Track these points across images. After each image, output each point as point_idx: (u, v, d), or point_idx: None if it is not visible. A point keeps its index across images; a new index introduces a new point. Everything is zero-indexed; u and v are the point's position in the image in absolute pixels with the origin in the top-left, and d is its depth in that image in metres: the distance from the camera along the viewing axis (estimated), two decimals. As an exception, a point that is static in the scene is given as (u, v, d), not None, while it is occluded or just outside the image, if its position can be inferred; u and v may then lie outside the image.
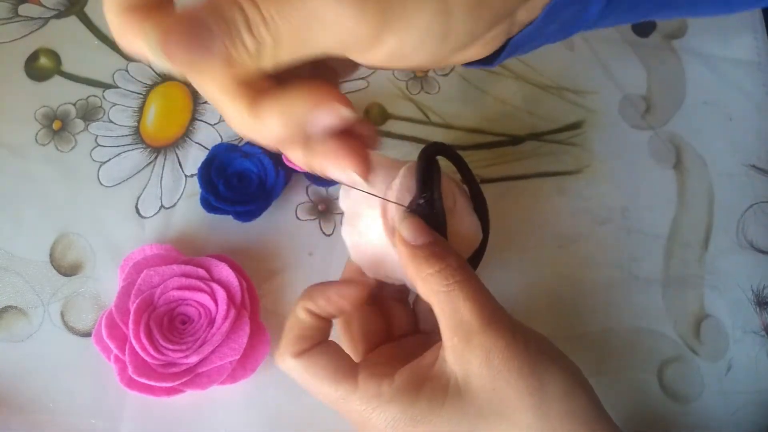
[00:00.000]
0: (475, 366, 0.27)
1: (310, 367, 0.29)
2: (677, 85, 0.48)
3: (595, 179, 0.44)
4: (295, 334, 0.30)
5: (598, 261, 0.42)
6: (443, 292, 0.28)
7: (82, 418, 0.37)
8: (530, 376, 0.27)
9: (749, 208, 0.43)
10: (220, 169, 0.42)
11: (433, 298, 0.29)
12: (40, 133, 0.44)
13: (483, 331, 0.27)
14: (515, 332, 0.28)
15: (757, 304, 0.40)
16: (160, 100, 0.45)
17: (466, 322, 0.28)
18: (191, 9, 0.21)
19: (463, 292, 0.28)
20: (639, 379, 0.40)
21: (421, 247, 0.29)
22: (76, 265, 0.41)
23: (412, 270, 0.29)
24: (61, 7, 0.48)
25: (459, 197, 0.33)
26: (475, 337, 0.27)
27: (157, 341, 0.36)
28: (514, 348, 0.27)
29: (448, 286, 0.28)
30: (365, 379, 0.29)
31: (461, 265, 0.29)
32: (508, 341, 0.27)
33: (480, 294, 0.28)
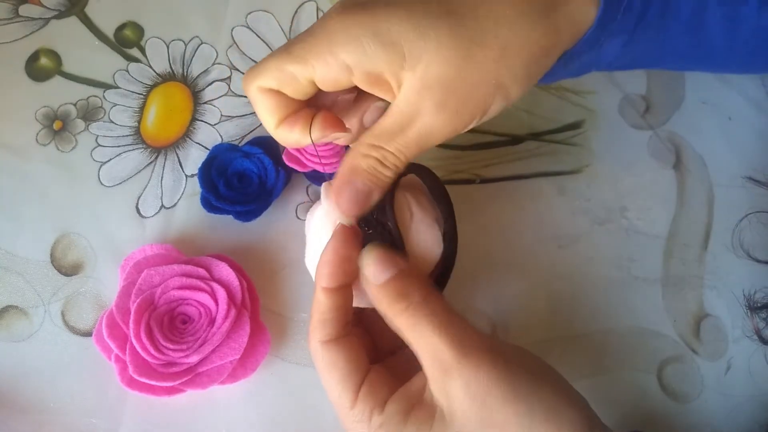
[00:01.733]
0: (458, 398, 0.27)
1: (329, 360, 0.30)
2: (677, 84, 0.48)
3: (594, 179, 0.44)
4: (317, 319, 0.30)
5: (597, 261, 0.42)
6: (412, 328, 0.28)
7: (83, 417, 0.37)
8: (515, 401, 0.27)
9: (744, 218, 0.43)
10: (221, 169, 0.42)
11: (406, 335, 0.29)
12: (40, 134, 0.44)
13: (459, 364, 0.27)
14: (494, 357, 0.28)
15: (748, 308, 0.40)
16: (160, 101, 0.46)
17: (439, 358, 0.27)
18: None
19: (430, 326, 0.28)
20: (639, 379, 0.40)
21: (383, 285, 0.29)
22: (76, 265, 0.41)
23: (380, 309, 0.29)
24: (61, 7, 0.48)
25: (416, 210, 0.32)
26: (453, 371, 0.27)
27: (157, 341, 0.36)
28: (495, 375, 0.27)
29: (415, 324, 0.28)
30: (364, 397, 0.29)
31: (425, 298, 0.29)
32: (487, 369, 0.27)
33: (449, 325, 0.28)
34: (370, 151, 0.29)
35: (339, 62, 0.27)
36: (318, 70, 0.28)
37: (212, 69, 0.46)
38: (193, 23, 0.48)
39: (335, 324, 0.30)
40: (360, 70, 0.27)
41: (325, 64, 0.27)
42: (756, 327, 0.40)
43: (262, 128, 0.45)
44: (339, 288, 0.30)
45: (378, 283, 0.29)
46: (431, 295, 0.29)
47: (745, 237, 0.43)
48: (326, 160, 0.40)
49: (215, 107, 0.45)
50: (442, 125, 0.28)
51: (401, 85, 0.28)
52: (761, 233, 0.43)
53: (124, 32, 0.47)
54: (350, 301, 0.31)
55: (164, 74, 0.46)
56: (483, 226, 0.42)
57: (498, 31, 0.27)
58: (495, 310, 0.41)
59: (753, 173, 0.44)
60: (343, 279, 0.30)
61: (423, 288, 0.29)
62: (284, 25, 0.48)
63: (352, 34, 0.27)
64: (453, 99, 0.27)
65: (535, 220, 0.43)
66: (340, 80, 0.28)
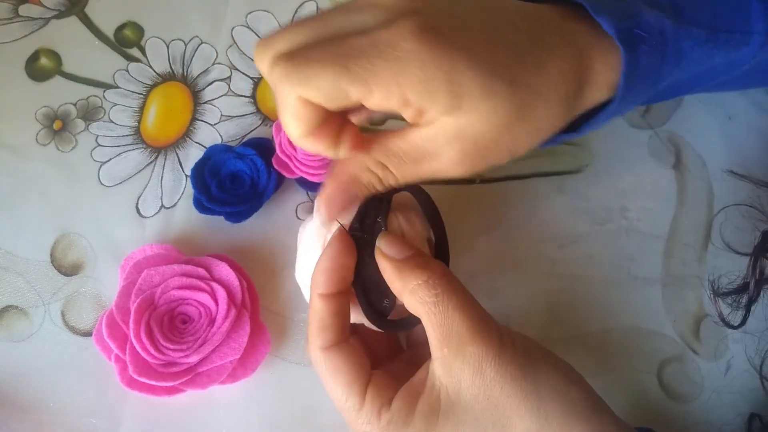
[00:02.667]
0: (467, 376, 0.27)
1: (331, 366, 0.30)
2: (677, 85, 0.48)
3: (594, 179, 0.44)
4: (315, 326, 0.30)
5: (597, 261, 0.42)
6: (431, 302, 0.28)
7: (83, 417, 0.37)
8: (524, 380, 0.27)
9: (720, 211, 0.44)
10: (214, 170, 0.42)
11: (422, 309, 0.28)
12: (40, 133, 0.44)
13: (473, 340, 0.27)
14: (503, 338, 0.28)
15: (712, 293, 0.40)
16: (160, 100, 0.46)
17: (455, 332, 0.27)
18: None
19: (452, 301, 0.28)
20: (639, 379, 0.40)
21: (405, 259, 0.29)
22: (76, 265, 0.41)
23: (399, 283, 0.29)
24: (61, 7, 0.48)
25: (407, 229, 0.31)
26: (467, 347, 0.27)
27: (157, 341, 0.36)
28: (505, 355, 0.27)
29: (436, 296, 0.28)
30: (371, 398, 0.29)
31: (446, 274, 0.29)
32: (498, 349, 0.27)
33: (468, 302, 0.28)
34: (376, 168, 0.29)
35: (401, 95, 0.26)
36: (376, 97, 0.26)
37: (212, 69, 0.46)
38: (193, 23, 0.48)
39: (334, 330, 0.30)
40: (415, 107, 0.26)
41: (387, 94, 0.25)
42: (720, 312, 0.40)
43: (261, 129, 0.45)
44: (336, 294, 0.30)
45: (401, 257, 0.29)
46: (451, 274, 0.29)
47: (725, 230, 0.43)
48: (315, 170, 0.40)
49: (215, 107, 0.45)
50: (453, 172, 0.28)
51: (433, 121, 0.27)
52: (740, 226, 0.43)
53: (124, 32, 0.47)
54: (347, 307, 0.31)
55: (164, 74, 0.46)
56: (483, 226, 0.42)
57: (539, 109, 0.28)
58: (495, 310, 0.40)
59: (734, 167, 0.44)
60: (340, 286, 0.30)
61: (443, 266, 0.29)
62: (284, 24, 0.48)
63: (425, 74, 0.25)
64: (478, 156, 0.28)
65: (534, 220, 0.43)
66: (392, 109, 0.27)
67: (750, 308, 0.37)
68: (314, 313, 0.30)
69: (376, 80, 0.25)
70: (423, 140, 0.28)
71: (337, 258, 0.30)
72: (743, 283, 0.38)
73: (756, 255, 0.37)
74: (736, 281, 0.39)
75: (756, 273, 0.37)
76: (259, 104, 0.46)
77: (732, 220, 0.43)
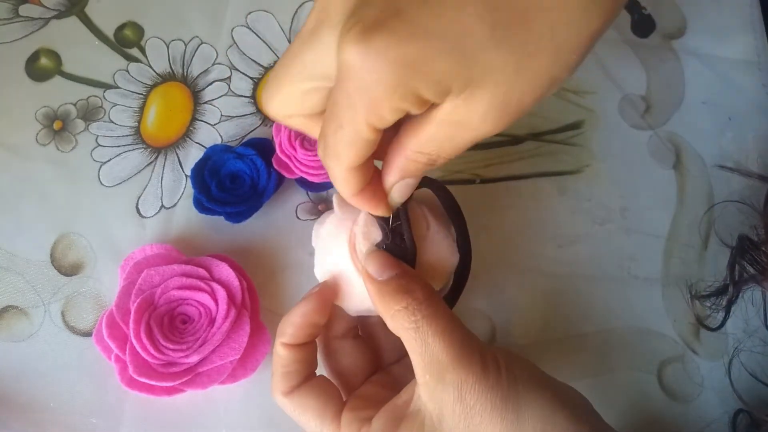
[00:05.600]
0: (448, 403, 0.27)
1: (297, 406, 0.31)
2: (677, 85, 0.48)
3: (594, 179, 0.45)
4: (279, 372, 0.31)
5: (597, 261, 0.42)
6: (411, 329, 0.28)
7: (83, 417, 0.37)
8: (504, 409, 0.27)
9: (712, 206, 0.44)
10: (214, 170, 0.42)
11: (403, 335, 0.28)
12: (40, 134, 0.44)
13: (453, 367, 0.27)
14: (487, 364, 0.28)
15: (690, 297, 0.41)
16: (160, 100, 0.46)
17: (436, 359, 0.27)
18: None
19: (431, 327, 0.28)
20: (639, 379, 0.40)
21: (386, 282, 0.29)
22: (76, 265, 0.41)
23: (380, 307, 0.29)
24: (61, 7, 0.48)
25: (432, 222, 0.32)
26: (446, 375, 0.27)
27: (157, 341, 0.36)
28: (486, 382, 0.27)
29: (415, 322, 0.28)
30: (347, 423, 0.30)
31: (428, 298, 0.28)
32: (480, 376, 0.27)
33: (449, 327, 0.28)
34: (419, 157, 0.28)
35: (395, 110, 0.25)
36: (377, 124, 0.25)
37: (212, 69, 0.46)
38: (193, 23, 0.48)
39: (297, 375, 0.31)
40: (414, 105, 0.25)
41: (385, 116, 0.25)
42: (697, 314, 0.40)
43: (261, 129, 0.45)
44: (301, 344, 0.31)
45: (381, 279, 0.29)
46: (433, 297, 0.29)
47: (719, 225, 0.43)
48: (315, 170, 0.40)
49: (215, 107, 0.45)
50: (490, 131, 0.26)
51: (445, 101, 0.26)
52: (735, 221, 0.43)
53: (124, 32, 0.47)
54: (313, 353, 0.32)
55: (164, 74, 0.46)
56: (483, 226, 0.42)
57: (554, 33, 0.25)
58: (495, 310, 0.41)
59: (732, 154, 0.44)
60: (306, 339, 0.31)
61: (425, 288, 0.29)
62: (284, 25, 0.48)
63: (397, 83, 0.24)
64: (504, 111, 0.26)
65: (535, 220, 0.43)
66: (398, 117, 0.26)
67: (730, 310, 0.38)
68: (278, 359, 0.31)
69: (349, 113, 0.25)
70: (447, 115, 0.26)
71: (310, 316, 0.30)
72: (722, 285, 0.38)
73: (734, 258, 0.37)
74: (714, 284, 0.39)
75: (735, 275, 0.37)
76: (259, 104, 0.46)
77: (726, 216, 0.43)
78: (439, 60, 0.23)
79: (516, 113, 0.26)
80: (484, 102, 0.25)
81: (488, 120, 0.26)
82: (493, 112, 0.25)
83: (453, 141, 0.27)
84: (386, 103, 0.24)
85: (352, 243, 0.31)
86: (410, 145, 0.27)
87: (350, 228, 0.31)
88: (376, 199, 0.28)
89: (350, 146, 0.26)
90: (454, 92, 0.25)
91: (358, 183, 0.28)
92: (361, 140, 0.26)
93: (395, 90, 0.23)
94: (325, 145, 0.27)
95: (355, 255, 0.31)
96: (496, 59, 0.24)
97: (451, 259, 0.32)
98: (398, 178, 0.28)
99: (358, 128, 0.25)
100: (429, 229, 0.32)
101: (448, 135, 0.27)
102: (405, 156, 0.28)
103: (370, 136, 0.26)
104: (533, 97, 0.26)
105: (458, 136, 0.27)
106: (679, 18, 0.50)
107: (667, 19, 0.50)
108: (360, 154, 0.26)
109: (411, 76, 0.23)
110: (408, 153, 0.28)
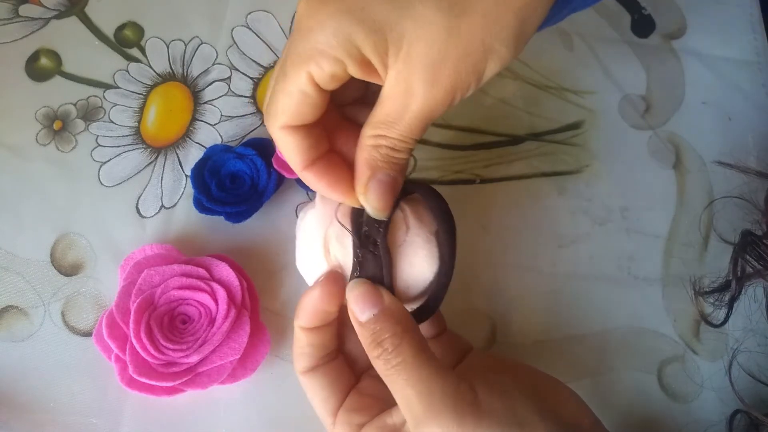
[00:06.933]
0: None
1: (308, 388, 0.33)
2: (676, 85, 0.48)
3: (594, 179, 0.45)
4: (296, 352, 0.32)
5: (597, 261, 0.42)
6: (386, 377, 0.28)
7: (83, 417, 0.37)
8: None
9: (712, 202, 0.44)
10: (214, 170, 0.42)
11: (383, 378, 0.29)
12: (40, 134, 0.44)
13: (426, 419, 0.27)
14: (463, 411, 0.27)
15: (694, 293, 0.41)
16: (160, 100, 0.46)
17: (412, 407, 0.28)
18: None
19: (401, 377, 0.28)
20: (639, 379, 0.40)
21: (364, 326, 0.29)
22: (76, 265, 0.41)
23: (364, 347, 0.29)
24: (61, 7, 0.48)
25: (413, 225, 0.30)
26: (421, 425, 0.27)
27: (157, 341, 0.36)
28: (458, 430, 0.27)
29: (387, 371, 0.28)
30: (341, 424, 0.31)
31: (397, 347, 0.28)
32: (451, 429, 0.27)
33: (418, 377, 0.28)
34: (378, 141, 0.28)
35: (329, 58, 0.26)
36: (315, 74, 0.27)
37: (212, 69, 0.46)
38: (193, 23, 0.48)
39: (312, 358, 0.32)
40: (351, 59, 0.26)
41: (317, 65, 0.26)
42: (701, 311, 0.40)
43: (261, 129, 0.45)
44: (316, 327, 0.31)
45: (361, 321, 0.29)
46: (403, 343, 0.28)
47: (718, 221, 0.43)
48: None
49: (215, 107, 0.45)
50: (439, 99, 0.27)
51: (388, 73, 0.27)
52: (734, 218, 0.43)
53: (124, 32, 0.47)
54: (328, 336, 0.32)
55: (164, 74, 0.46)
56: (483, 226, 0.42)
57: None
58: (495, 310, 0.41)
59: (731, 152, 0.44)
60: (320, 323, 0.31)
61: (396, 335, 0.28)
62: (284, 24, 0.48)
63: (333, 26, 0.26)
64: (443, 73, 0.27)
65: (535, 220, 0.43)
66: (337, 74, 0.27)
67: (732, 306, 0.38)
68: (296, 340, 0.32)
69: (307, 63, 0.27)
70: (391, 91, 0.27)
71: (317, 304, 0.30)
72: (725, 282, 0.38)
73: (737, 253, 0.37)
74: (717, 280, 0.39)
75: (737, 271, 0.37)
76: (259, 104, 0.46)
77: (726, 212, 0.43)
78: (375, 5, 0.25)
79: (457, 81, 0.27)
80: (421, 62, 0.26)
81: (429, 83, 0.26)
82: (431, 74, 0.26)
83: (404, 116, 0.27)
84: (326, 48, 0.26)
85: (326, 245, 0.31)
86: (366, 132, 0.28)
87: (327, 227, 0.31)
88: (331, 180, 0.29)
89: (289, 97, 0.27)
90: (391, 50, 0.26)
91: (302, 149, 0.28)
92: (300, 93, 0.27)
93: (335, 35, 0.26)
94: (268, 103, 0.28)
95: (329, 257, 0.31)
96: (426, 13, 0.25)
97: (427, 271, 0.30)
98: (367, 173, 0.29)
99: (298, 77, 0.27)
100: (408, 234, 0.30)
101: (396, 109, 0.27)
102: (364, 145, 0.29)
103: (309, 89, 0.27)
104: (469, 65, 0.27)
105: (407, 108, 0.27)
106: (679, 18, 0.50)
107: (667, 19, 0.50)
108: (299, 110, 0.28)
109: (349, 22, 0.25)
110: (366, 140, 0.28)
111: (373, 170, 0.29)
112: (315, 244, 0.31)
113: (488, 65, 0.27)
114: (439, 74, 0.26)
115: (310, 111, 0.28)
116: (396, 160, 0.29)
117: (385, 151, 0.28)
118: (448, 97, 0.27)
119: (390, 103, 0.28)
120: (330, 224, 0.31)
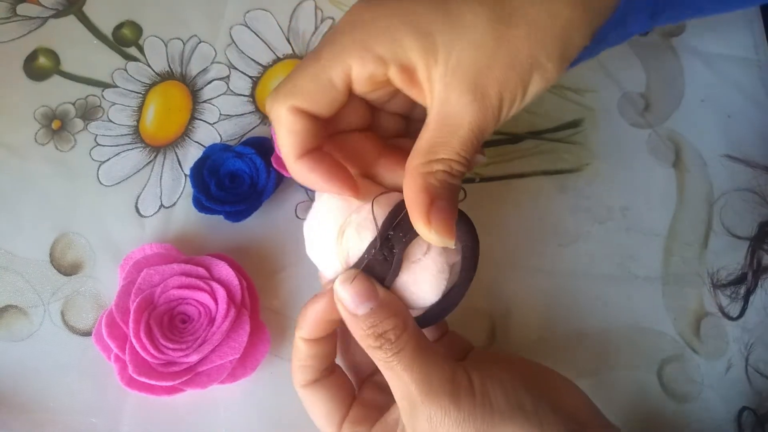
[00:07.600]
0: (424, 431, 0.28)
1: (309, 403, 0.32)
2: (676, 82, 0.48)
3: (594, 177, 0.44)
4: (296, 365, 0.32)
5: (597, 259, 0.42)
6: (383, 365, 0.29)
7: (83, 417, 0.37)
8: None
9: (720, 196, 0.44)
10: (213, 169, 0.42)
11: (378, 365, 0.29)
12: (39, 133, 0.44)
13: (422, 402, 0.28)
14: (459, 395, 0.28)
15: (711, 286, 0.41)
16: (159, 100, 0.45)
17: (407, 393, 0.28)
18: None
19: (401, 363, 0.28)
20: (639, 378, 0.40)
21: (361, 319, 0.28)
22: (76, 265, 0.41)
23: (356, 338, 0.29)
24: (59, 6, 0.48)
25: (434, 249, 0.29)
26: (417, 408, 0.28)
27: (157, 340, 0.36)
28: (457, 414, 0.27)
29: (387, 360, 0.28)
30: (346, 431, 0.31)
31: (398, 337, 0.28)
32: (450, 409, 0.27)
33: (419, 363, 0.28)
34: (433, 166, 0.27)
35: (374, 55, 0.26)
36: (354, 68, 0.26)
37: (211, 68, 0.46)
38: (191, 22, 0.48)
39: (313, 371, 0.31)
40: (395, 62, 0.26)
41: (360, 60, 0.26)
42: (719, 304, 0.40)
43: (260, 128, 0.45)
44: (318, 339, 0.31)
45: (357, 314, 0.29)
46: (404, 335, 0.29)
47: (725, 215, 0.43)
48: None
49: (214, 106, 0.45)
50: (488, 110, 0.27)
51: (432, 83, 0.26)
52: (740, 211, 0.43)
53: (123, 31, 0.47)
54: (330, 347, 0.32)
55: (163, 73, 0.46)
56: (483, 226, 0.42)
57: (526, 9, 0.26)
58: (495, 309, 0.41)
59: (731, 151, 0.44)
60: (323, 334, 0.31)
61: (398, 327, 0.29)
62: (282, 23, 0.48)
63: (384, 25, 0.26)
64: (490, 82, 0.26)
65: (535, 219, 0.43)
66: (376, 75, 0.27)
67: (748, 299, 0.38)
68: (296, 351, 0.32)
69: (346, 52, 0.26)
70: (442, 109, 0.27)
71: (322, 313, 0.30)
72: (741, 274, 0.38)
73: (753, 246, 0.37)
74: (734, 273, 0.39)
75: (753, 264, 0.37)
76: (258, 103, 0.45)
77: (732, 205, 0.43)
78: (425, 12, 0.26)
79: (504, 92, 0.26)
80: (469, 69, 0.26)
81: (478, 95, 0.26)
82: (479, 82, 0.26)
83: (457, 133, 0.27)
84: (374, 45, 0.26)
85: (342, 230, 0.29)
86: (417, 158, 0.27)
87: (348, 213, 0.29)
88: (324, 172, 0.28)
89: (315, 82, 0.27)
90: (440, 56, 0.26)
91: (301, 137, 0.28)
92: (328, 81, 0.27)
93: (385, 34, 0.26)
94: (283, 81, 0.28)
95: (341, 241, 0.29)
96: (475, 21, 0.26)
97: (426, 298, 0.30)
98: (427, 200, 0.27)
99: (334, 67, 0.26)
100: (426, 254, 0.29)
101: (448, 127, 0.27)
102: (418, 172, 0.27)
103: (339, 82, 0.27)
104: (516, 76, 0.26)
105: (459, 125, 0.27)
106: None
107: (666, 17, 0.50)
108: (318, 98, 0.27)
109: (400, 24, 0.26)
110: (420, 167, 0.27)
111: (432, 198, 0.27)
112: (330, 226, 0.30)
113: (533, 79, 0.27)
114: (486, 83, 0.26)
115: (327, 104, 0.27)
116: (453, 185, 0.28)
117: (441, 177, 0.27)
118: (496, 109, 0.27)
119: (442, 121, 0.27)
120: (355, 211, 0.29)
